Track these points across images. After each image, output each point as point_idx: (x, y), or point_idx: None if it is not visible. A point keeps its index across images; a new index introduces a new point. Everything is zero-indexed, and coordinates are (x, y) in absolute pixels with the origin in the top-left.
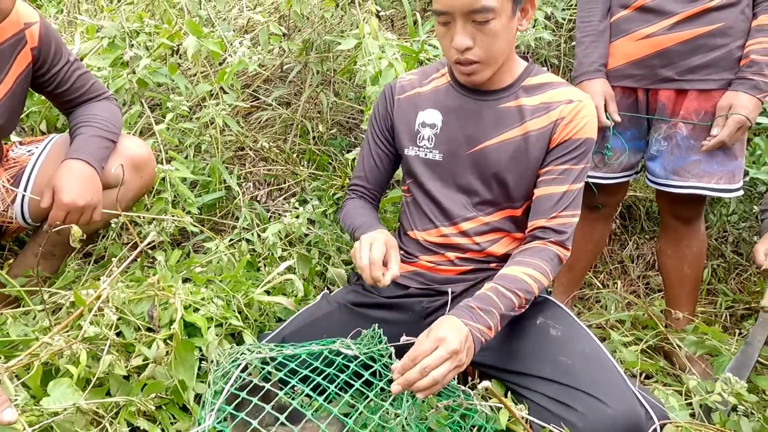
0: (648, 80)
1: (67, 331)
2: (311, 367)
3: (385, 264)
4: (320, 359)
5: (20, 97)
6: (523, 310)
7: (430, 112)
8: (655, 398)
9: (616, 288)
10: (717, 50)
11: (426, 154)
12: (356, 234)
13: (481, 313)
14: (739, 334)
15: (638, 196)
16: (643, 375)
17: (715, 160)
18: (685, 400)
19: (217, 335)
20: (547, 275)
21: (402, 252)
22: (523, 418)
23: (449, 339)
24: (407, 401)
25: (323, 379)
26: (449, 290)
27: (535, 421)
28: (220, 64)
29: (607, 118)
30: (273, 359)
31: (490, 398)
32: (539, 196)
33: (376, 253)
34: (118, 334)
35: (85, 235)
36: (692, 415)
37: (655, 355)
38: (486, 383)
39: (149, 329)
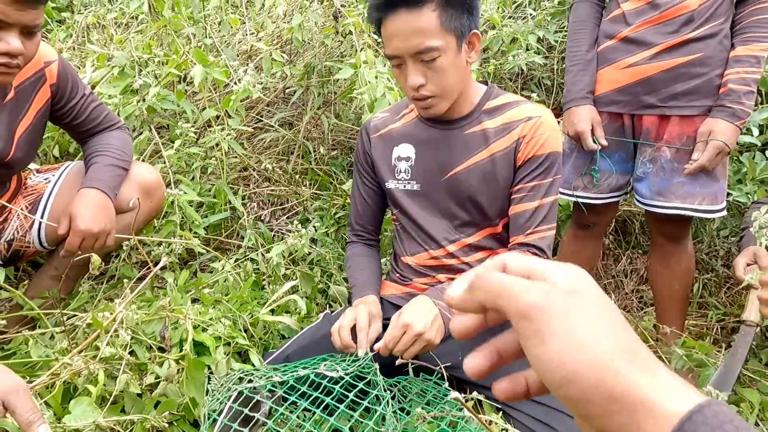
0: (632, 106)
1: (82, 351)
2: (299, 391)
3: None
4: (307, 383)
5: (39, 131)
6: None
7: (404, 146)
8: None
9: None
10: (697, 78)
11: (405, 186)
12: (352, 292)
13: None
14: (729, 345)
15: (633, 212)
16: None
17: (698, 183)
18: None
19: (225, 354)
20: None
21: (397, 275)
22: None
23: (414, 324)
24: (392, 418)
25: (313, 400)
26: None
27: None
28: (225, 87)
29: (595, 142)
30: (257, 389)
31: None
32: (514, 214)
33: (345, 339)
34: (131, 354)
35: (103, 263)
36: None
37: None
38: (467, 415)
39: (161, 349)
